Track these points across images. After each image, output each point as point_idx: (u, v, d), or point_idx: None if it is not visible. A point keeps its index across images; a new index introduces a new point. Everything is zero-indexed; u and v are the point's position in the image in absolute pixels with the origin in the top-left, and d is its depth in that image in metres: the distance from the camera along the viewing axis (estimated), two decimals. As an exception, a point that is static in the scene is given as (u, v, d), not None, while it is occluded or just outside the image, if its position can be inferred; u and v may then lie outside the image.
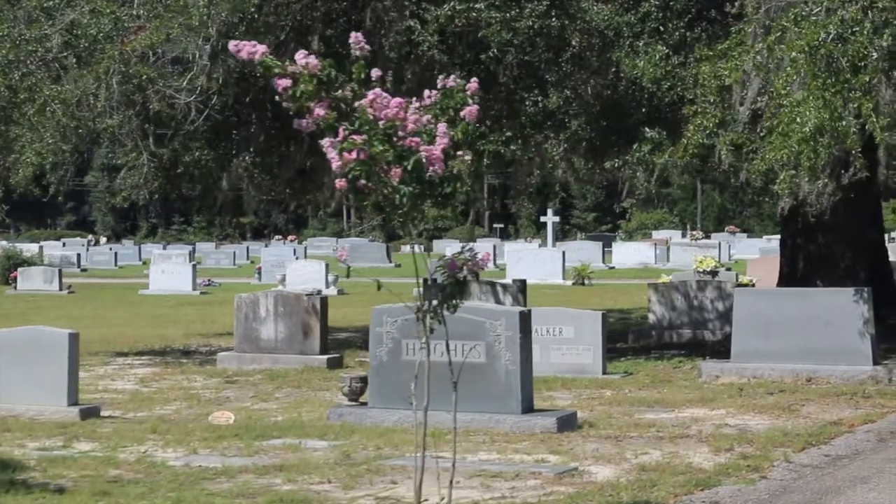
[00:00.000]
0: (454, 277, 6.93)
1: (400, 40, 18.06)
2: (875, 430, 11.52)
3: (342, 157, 6.12)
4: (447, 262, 6.90)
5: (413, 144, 6.12)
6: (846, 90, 12.48)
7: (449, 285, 6.93)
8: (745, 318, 15.41)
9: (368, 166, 6.19)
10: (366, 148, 6.13)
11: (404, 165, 6.18)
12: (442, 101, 6.73)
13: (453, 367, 11.58)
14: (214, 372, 16.59)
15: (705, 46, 15.07)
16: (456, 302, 6.99)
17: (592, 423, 11.90)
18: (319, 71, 6.56)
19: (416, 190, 6.32)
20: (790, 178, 13.55)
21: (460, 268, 6.89)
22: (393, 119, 6.11)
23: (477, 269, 6.89)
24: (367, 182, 6.32)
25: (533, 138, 17.20)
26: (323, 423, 11.75)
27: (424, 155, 6.15)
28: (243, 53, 6.74)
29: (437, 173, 6.23)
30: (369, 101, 6.09)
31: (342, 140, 6.13)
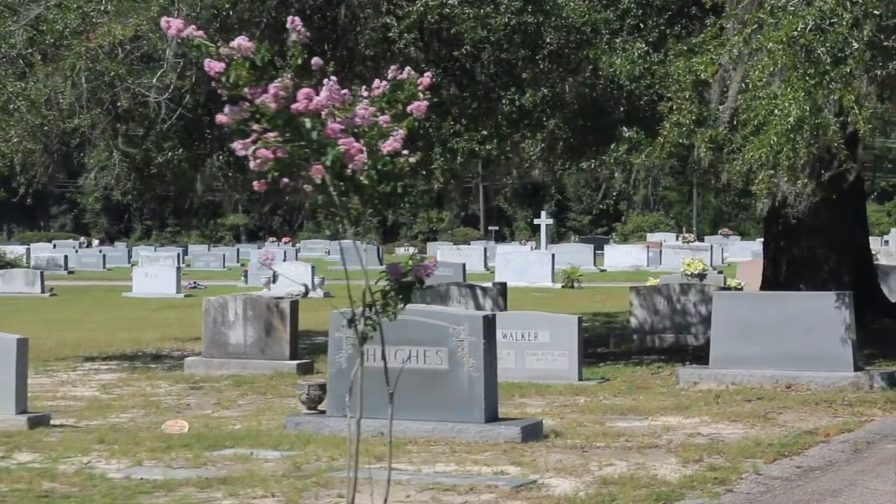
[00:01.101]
0: (397, 283, 6.49)
1: (375, 37, 17.66)
2: (851, 440, 11.10)
3: (256, 155, 5.68)
4: (390, 266, 6.48)
5: (331, 135, 5.67)
6: (827, 81, 12.06)
7: (390, 290, 6.50)
8: (723, 322, 15.00)
9: (286, 164, 5.76)
10: (281, 145, 5.70)
11: (322, 161, 5.74)
12: (391, 94, 6.29)
13: (389, 375, 11.17)
14: (181, 378, 16.17)
15: (679, 41, 14.64)
16: (396, 308, 6.55)
17: (560, 432, 11.48)
18: (253, 54, 6.11)
19: (342, 188, 5.88)
20: (768, 179, 13.14)
21: (404, 273, 6.46)
22: (305, 112, 5.67)
23: (422, 275, 6.45)
24: (290, 181, 5.89)
25: (510, 138, 16.78)
26: (279, 433, 11.33)
27: (343, 148, 5.70)
28: (172, 31, 6.29)
29: (361, 170, 5.79)
30: (272, 94, 5.64)
31: (255, 140, 5.69)
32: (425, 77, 6.19)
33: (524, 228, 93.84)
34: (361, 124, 6.10)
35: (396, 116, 6.12)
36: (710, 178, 15.43)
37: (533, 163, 16.90)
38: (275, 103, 5.61)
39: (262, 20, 18.78)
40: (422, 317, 11.11)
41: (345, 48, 18.33)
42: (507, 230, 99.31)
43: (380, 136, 5.95)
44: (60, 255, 54.87)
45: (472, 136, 16.37)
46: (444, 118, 16.69)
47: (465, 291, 20.51)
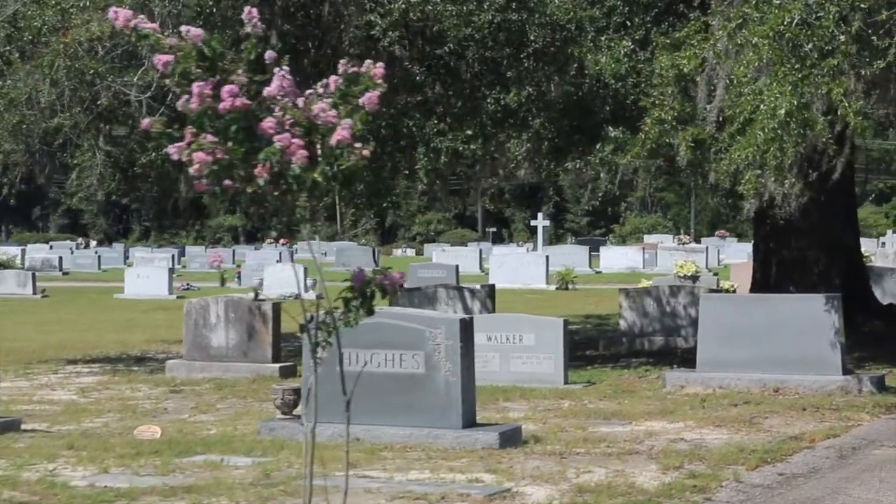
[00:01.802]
0: (360, 291, 6.24)
1: (359, 36, 17.42)
2: (836, 446, 10.87)
3: (194, 159, 5.42)
4: (355, 273, 6.23)
5: (266, 132, 5.43)
6: (814, 75, 11.82)
7: (352, 298, 6.24)
8: (710, 325, 14.77)
9: (225, 166, 5.52)
10: (218, 146, 5.45)
11: (261, 160, 5.50)
12: (345, 89, 6.04)
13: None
14: (162, 381, 15.93)
15: (662, 35, 14.39)
16: (357, 316, 6.29)
17: (540, 437, 11.25)
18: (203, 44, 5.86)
19: (284, 186, 5.64)
20: (755, 179, 12.90)
21: (368, 282, 6.21)
22: (233, 110, 5.43)
23: (387, 285, 6.20)
24: (233, 183, 5.65)
25: (495, 137, 16.55)
26: (253, 438, 11.10)
27: (280, 144, 5.45)
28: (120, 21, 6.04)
29: (299, 167, 5.55)
30: (196, 94, 5.38)
31: (189, 143, 5.43)
32: (378, 67, 5.94)
33: (522, 230, 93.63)
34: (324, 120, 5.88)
35: (349, 112, 5.89)
36: (698, 179, 15.17)
37: (519, 163, 16.66)
38: (197, 104, 5.34)
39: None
40: (397, 320, 10.89)
41: (329, 46, 18.10)
42: (506, 232, 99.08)
43: (328, 131, 5.70)
44: (55, 256, 54.63)
45: (456, 135, 16.14)
46: (429, 117, 16.46)
47: (453, 293, 20.28)
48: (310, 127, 5.90)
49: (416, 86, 16.55)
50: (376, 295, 6.20)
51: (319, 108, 5.72)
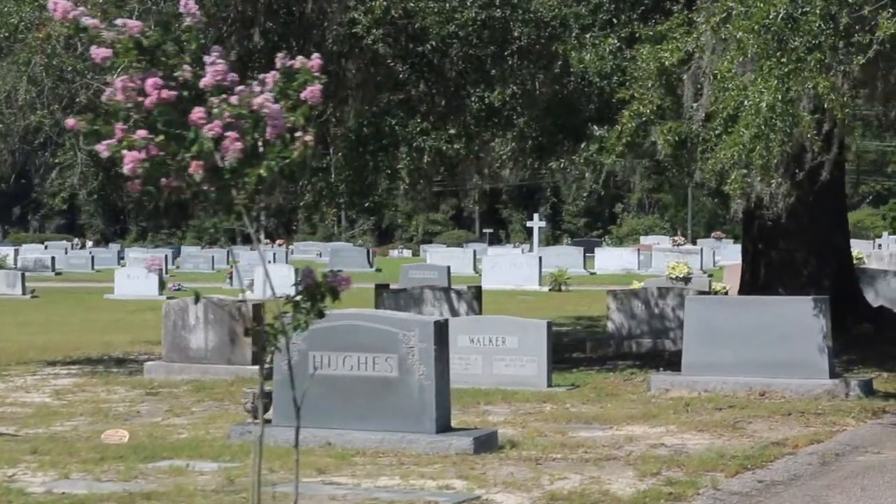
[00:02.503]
0: (309, 293, 5.98)
1: (343, 33, 17.15)
2: (819, 452, 10.62)
3: (125, 157, 5.15)
4: (304, 272, 5.97)
5: (196, 124, 5.16)
6: (800, 70, 11.56)
7: (302, 300, 5.99)
8: (696, 328, 14.52)
9: (157, 164, 5.26)
10: (152, 143, 5.19)
11: (193, 152, 5.24)
12: (283, 84, 5.79)
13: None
14: (139, 383, 15.68)
15: (644, 26, 14.13)
16: (307, 319, 6.04)
17: (517, 442, 11.00)
18: (142, 35, 5.60)
19: (223, 182, 5.38)
20: (741, 178, 12.65)
21: (318, 284, 5.96)
22: (162, 102, 5.17)
23: (337, 286, 5.95)
24: (170, 181, 5.40)
25: (479, 136, 16.29)
26: (223, 443, 10.85)
27: (211, 134, 5.18)
28: (58, 13, 5.78)
29: (234, 160, 5.28)
30: (120, 87, 5.12)
31: (120, 139, 5.17)
32: (315, 59, 5.68)
33: (520, 231, 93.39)
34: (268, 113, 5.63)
35: (292, 107, 5.64)
36: (684, 178, 14.91)
37: (503, 163, 16.39)
38: (123, 96, 5.07)
39: (228, 15, 18.32)
40: (370, 322, 10.64)
41: (312, 44, 17.83)
42: (503, 233, 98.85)
43: (254, 127, 5.44)
44: (48, 257, 54.38)
45: (439, 134, 15.88)
46: (412, 116, 16.21)
47: (440, 294, 20.03)
48: (256, 119, 5.67)
49: (399, 84, 16.29)
50: (326, 297, 5.97)
51: (263, 98, 5.48)
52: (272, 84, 5.71)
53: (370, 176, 16.18)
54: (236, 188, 5.56)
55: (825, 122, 13.51)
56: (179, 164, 5.45)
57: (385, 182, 16.07)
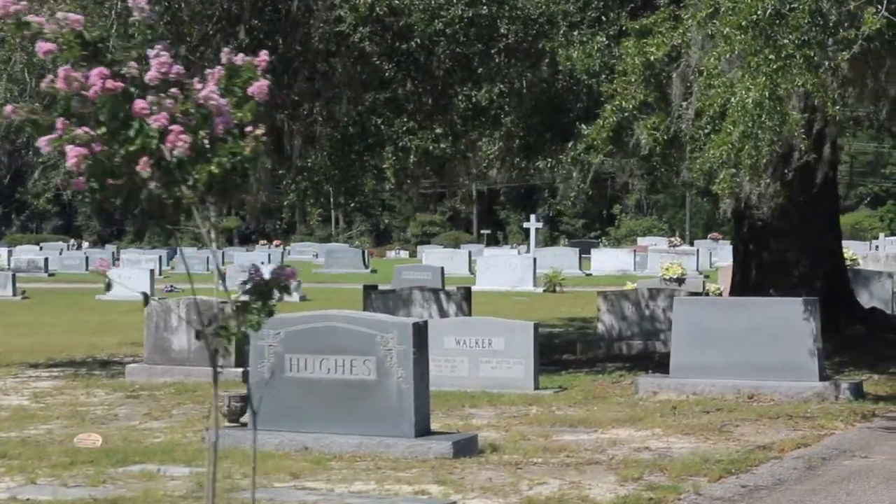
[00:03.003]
0: (258, 290, 5.78)
1: (329, 31, 16.93)
2: (806, 456, 10.40)
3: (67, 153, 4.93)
4: (251, 270, 5.76)
5: (139, 115, 4.94)
6: (788, 67, 11.35)
7: (251, 300, 5.78)
8: (685, 329, 14.30)
9: (100, 161, 5.04)
10: (95, 138, 4.97)
11: (136, 145, 5.02)
12: (227, 81, 5.57)
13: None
14: (121, 385, 15.46)
15: (630, 19, 13.91)
16: (259, 318, 5.83)
17: (499, 446, 10.79)
18: (83, 28, 5.39)
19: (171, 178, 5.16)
20: (730, 178, 12.43)
21: (267, 281, 5.75)
22: (106, 93, 4.95)
23: (286, 281, 5.75)
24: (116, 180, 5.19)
25: (465, 136, 16.07)
26: (197, 447, 10.63)
27: (157, 125, 4.96)
28: (-1, 9, 5.58)
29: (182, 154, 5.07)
30: (62, 77, 4.89)
31: (59, 136, 4.94)
32: (262, 55, 5.47)
33: (517, 232, 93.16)
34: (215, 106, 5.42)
35: (238, 103, 5.43)
36: (672, 177, 14.68)
37: (491, 162, 16.17)
38: (64, 84, 4.86)
39: (214, 12, 18.12)
40: (348, 323, 10.43)
41: (298, 42, 17.64)
42: (501, 234, 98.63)
43: (202, 122, 5.22)
44: (41, 258, 54.14)
45: (425, 134, 15.66)
46: (398, 115, 15.99)
47: (429, 295, 19.82)
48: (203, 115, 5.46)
49: (385, 82, 16.08)
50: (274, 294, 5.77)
51: (208, 91, 5.26)
52: (215, 80, 5.51)
53: (356, 176, 15.95)
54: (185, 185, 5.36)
55: (816, 121, 13.32)
56: (124, 160, 5.26)
57: (371, 182, 15.83)
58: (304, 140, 17.65)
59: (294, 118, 17.94)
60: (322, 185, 16.00)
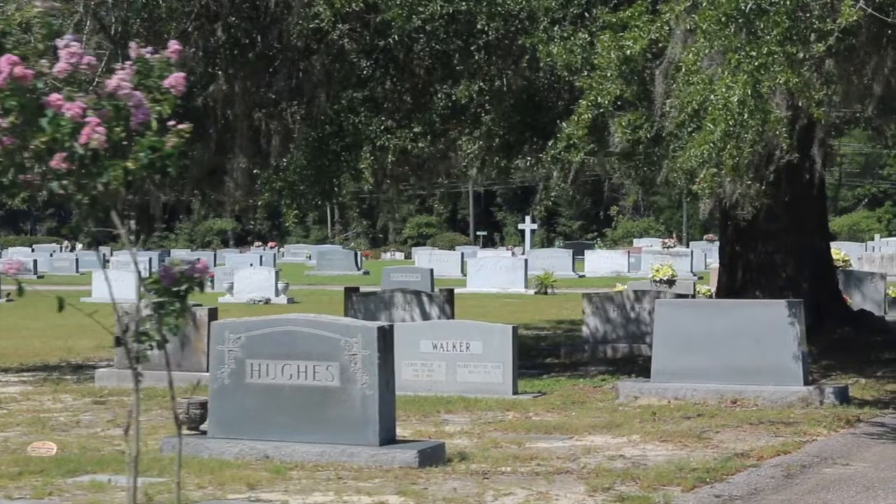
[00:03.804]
0: (171, 291, 5.43)
1: (307, 28, 16.54)
2: (785, 464, 10.03)
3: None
4: (162, 270, 5.42)
5: (53, 105, 4.60)
6: (770, 64, 10.97)
7: (164, 300, 5.43)
8: (666, 332, 13.93)
9: (11, 151, 4.70)
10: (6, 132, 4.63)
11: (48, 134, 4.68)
12: (139, 78, 5.21)
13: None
14: (89, 391, 15.09)
15: (608, 12, 13.54)
16: (177, 321, 5.48)
17: (468, 454, 10.42)
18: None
19: (85, 172, 4.82)
20: (711, 178, 12.05)
21: (178, 278, 5.40)
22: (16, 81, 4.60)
23: (198, 277, 5.40)
24: (30, 177, 4.86)
25: (445, 135, 15.70)
26: (154, 456, 10.25)
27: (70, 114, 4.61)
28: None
29: (97, 146, 4.72)
30: None
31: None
32: (173, 44, 5.12)
33: (514, 234, 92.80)
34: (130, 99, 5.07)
35: (156, 98, 5.08)
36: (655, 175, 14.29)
37: (471, 162, 15.78)
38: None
39: (192, 9, 17.77)
40: (310, 328, 10.06)
41: (276, 39, 17.27)
42: (498, 235, 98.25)
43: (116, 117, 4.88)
44: (30, 260, 53.75)
45: (404, 133, 15.29)
46: (376, 113, 15.62)
47: (411, 298, 19.42)
48: (118, 108, 5.11)
49: (363, 80, 15.71)
50: (190, 292, 5.43)
51: (118, 80, 4.91)
52: (126, 73, 5.18)
53: (333, 175, 15.58)
54: (99, 180, 5.02)
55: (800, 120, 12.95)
56: (35, 153, 4.93)
57: (348, 182, 15.46)
58: (282, 139, 17.30)
59: (272, 117, 17.59)
60: (297, 185, 15.61)
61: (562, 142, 14.17)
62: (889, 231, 79.66)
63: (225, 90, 17.46)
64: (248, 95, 17.58)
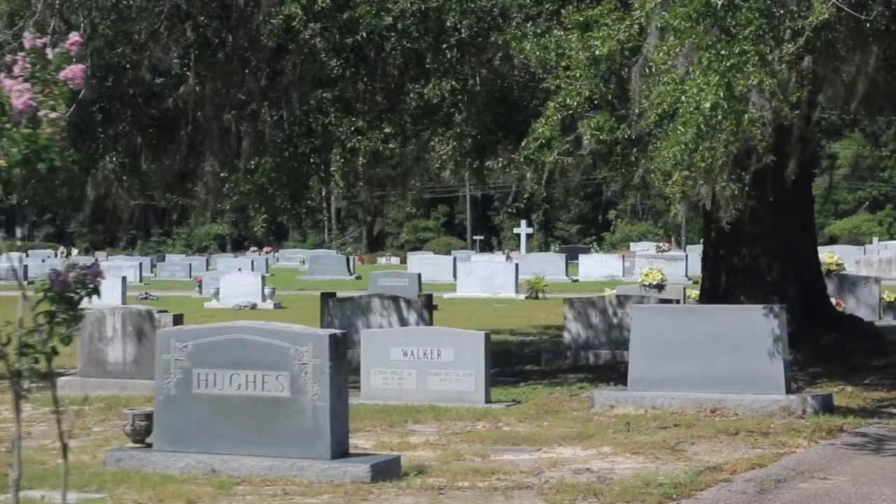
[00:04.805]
0: (63, 297, 4.98)
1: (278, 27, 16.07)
2: (758, 479, 9.53)
3: None
4: (51, 275, 4.97)
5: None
6: (742, 64, 10.49)
7: (56, 308, 4.99)
8: (644, 339, 13.45)
9: None
10: None
11: None
12: (34, 72, 4.76)
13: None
14: (50, 400, 14.56)
15: (575, 11, 13.07)
16: (67, 330, 5.03)
17: (427, 467, 9.94)
18: None
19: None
20: (683, 180, 11.56)
21: (70, 284, 4.95)
22: None
23: (92, 281, 4.95)
24: None
25: (417, 136, 15.22)
26: (96, 470, 9.79)
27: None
28: None
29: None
30: None
31: None
32: (72, 37, 4.66)
33: (511, 238, 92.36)
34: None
35: (54, 95, 4.64)
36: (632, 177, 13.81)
37: (444, 163, 15.29)
38: None
39: (161, 8, 17.33)
40: (259, 336, 9.58)
41: (246, 39, 16.82)
42: (496, 239, 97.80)
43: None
44: (21, 266, 53.27)
45: (374, 134, 14.82)
46: (347, 114, 15.15)
47: (388, 304, 18.95)
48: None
49: (332, 80, 15.24)
50: (81, 300, 4.99)
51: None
52: (20, 70, 4.74)
53: (303, 178, 15.11)
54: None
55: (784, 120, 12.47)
56: None
57: (318, 185, 14.99)
58: (252, 141, 16.84)
59: (242, 118, 17.13)
60: (266, 188, 15.14)
61: (534, 142, 13.67)
62: (890, 234, 79.13)
63: (196, 91, 17.03)
64: (218, 96, 17.13)
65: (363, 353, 14.32)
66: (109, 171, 17.26)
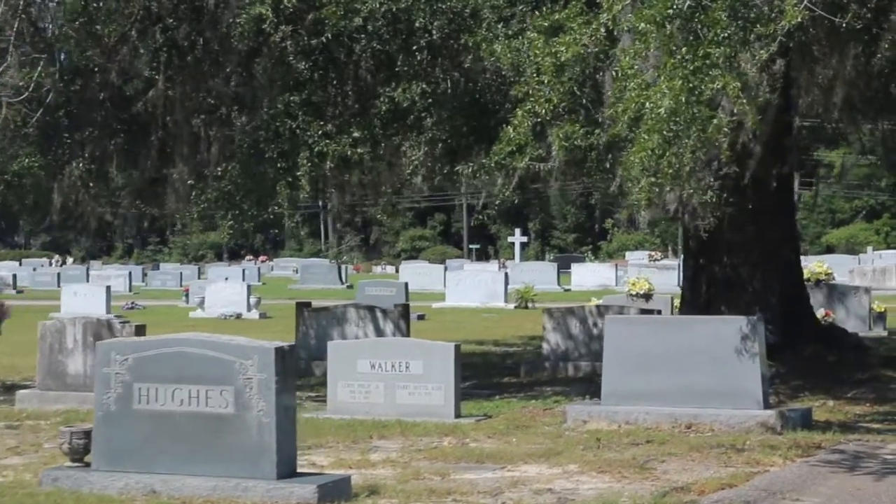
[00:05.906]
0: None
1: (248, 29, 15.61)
2: (727, 500, 9.07)
3: None
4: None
5: None
6: (706, 67, 10.05)
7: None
8: (617, 351, 12.99)
9: None
10: None
11: None
12: None
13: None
14: (6, 414, 14.15)
15: (540, 16, 12.64)
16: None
17: (381, 487, 9.48)
18: None
19: None
20: (649, 186, 11.10)
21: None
22: None
23: None
24: None
25: (386, 140, 14.78)
26: (31, 490, 9.33)
27: None
28: None
29: None
30: None
31: None
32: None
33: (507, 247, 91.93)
34: None
35: None
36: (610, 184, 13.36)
37: (415, 169, 14.85)
38: None
39: (132, 10, 16.91)
40: (202, 348, 9.13)
41: (216, 41, 16.38)
42: (492, 248, 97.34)
43: None
44: (9, 274, 52.96)
45: (343, 138, 14.37)
46: (316, 118, 14.70)
47: (364, 314, 18.52)
48: None
49: (300, 83, 14.79)
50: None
51: None
52: None
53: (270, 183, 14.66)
54: None
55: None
56: None
57: (286, 190, 14.54)
58: (221, 147, 16.40)
59: (212, 123, 16.70)
60: (233, 194, 14.70)
61: (505, 147, 13.21)
62: (888, 243, 78.63)
63: (167, 95, 16.61)
64: (188, 100, 16.71)
65: (329, 365, 13.88)
66: (76, 178, 16.81)
